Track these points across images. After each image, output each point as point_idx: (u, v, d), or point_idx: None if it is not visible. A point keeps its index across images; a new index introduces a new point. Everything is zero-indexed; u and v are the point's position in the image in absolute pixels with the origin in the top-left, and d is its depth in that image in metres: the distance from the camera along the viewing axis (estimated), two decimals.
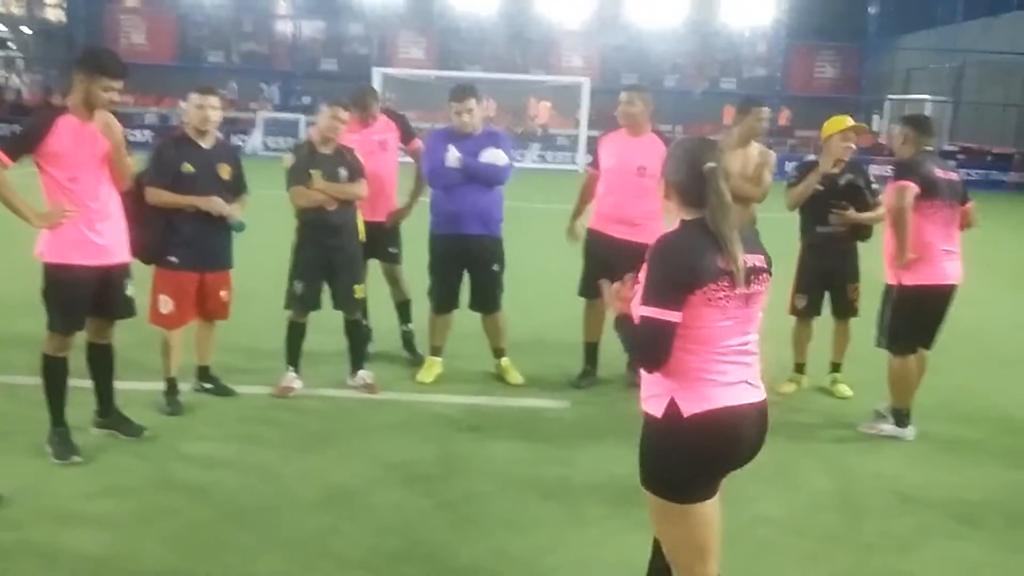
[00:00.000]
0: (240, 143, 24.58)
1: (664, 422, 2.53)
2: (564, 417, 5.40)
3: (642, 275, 2.54)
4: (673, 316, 2.44)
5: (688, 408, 2.50)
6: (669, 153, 2.67)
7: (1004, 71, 27.15)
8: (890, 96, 30.59)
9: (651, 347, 2.49)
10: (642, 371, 2.61)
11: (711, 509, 2.60)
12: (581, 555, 3.76)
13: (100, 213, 4.31)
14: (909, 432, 5.20)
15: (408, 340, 6.34)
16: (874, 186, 5.78)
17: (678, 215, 2.60)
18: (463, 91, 5.63)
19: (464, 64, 29.21)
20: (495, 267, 5.77)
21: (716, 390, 2.51)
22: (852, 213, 5.67)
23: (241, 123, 26.53)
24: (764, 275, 2.57)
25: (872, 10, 30.82)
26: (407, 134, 6.29)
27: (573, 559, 3.73)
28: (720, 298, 2.46)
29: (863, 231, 5.77)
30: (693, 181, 2.54)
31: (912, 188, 4.88)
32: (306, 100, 28.42)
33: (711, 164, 2.52)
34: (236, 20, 31.70)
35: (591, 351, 6.01)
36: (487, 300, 5.82)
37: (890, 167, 5.26)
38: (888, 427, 5.24)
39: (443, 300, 5.81)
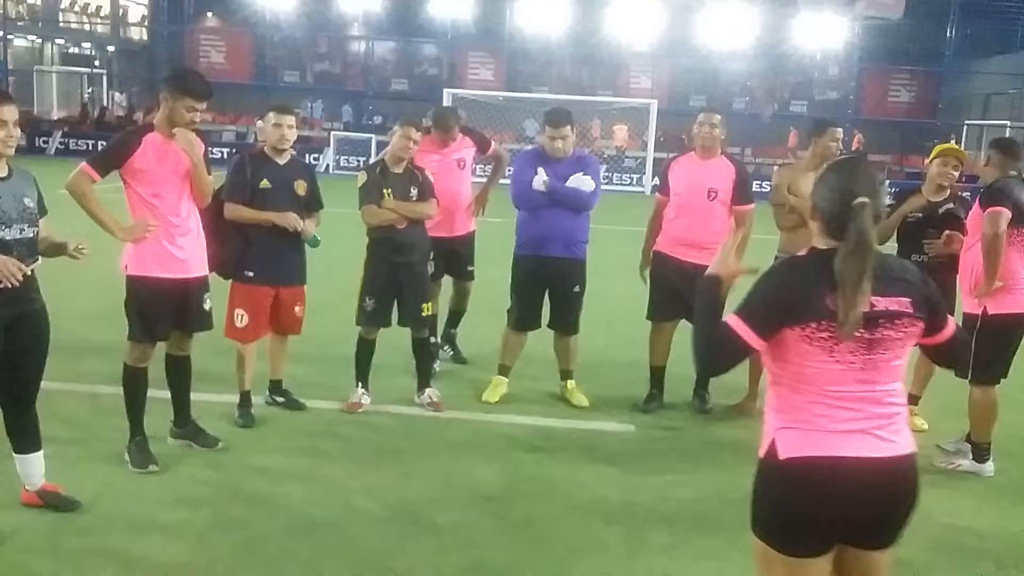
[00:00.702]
0: (313, 161, 25.17)
1: (764, 462, 2.40)
2: (629, 441, 5.37)
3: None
4: (753, 340, 2.31)
5: (785, 450, 2.33)
6: (823, 174, 2.47)
7: None
8: (968, 121, 29.86)
9: (716, 353, 2.41)
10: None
11: (815, 570, 2.37)
12: None
13: (181, 228, 4.45)
14: (989, 467, 5.05)
15: (451, 340, 6.63)
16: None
17: (816, 239, 2.41)
18: (560, 117, 5.63)
19: (532, 86, 29.42)
20: (576, 289, 5.79)
21: (821, 436, 2.31)
22: (945, 243, 5.46)
23: (315, 142, 27.08)
24: (901, 320, 2.32)
25: (949, 33, 30.13)
26: (483, 144, 6.52)
27: None
28: (824, 338, 2.27)
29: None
30: (839, 212, 2.32)
31: (1006, 214, 4.76)
32: (377, 120, 28.94)
33: (862, 200, 2.29)
34: (311, 40, 32.45)
35: (657, 375, 5.97)
36: (567, 321, 5.83)
37: (976, 192, 5.10)
38: (967, 462, 5.09)
39: (524, 319, 5.84)
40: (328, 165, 24.55)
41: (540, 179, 5.54)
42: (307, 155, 25.42)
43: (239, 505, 4.21)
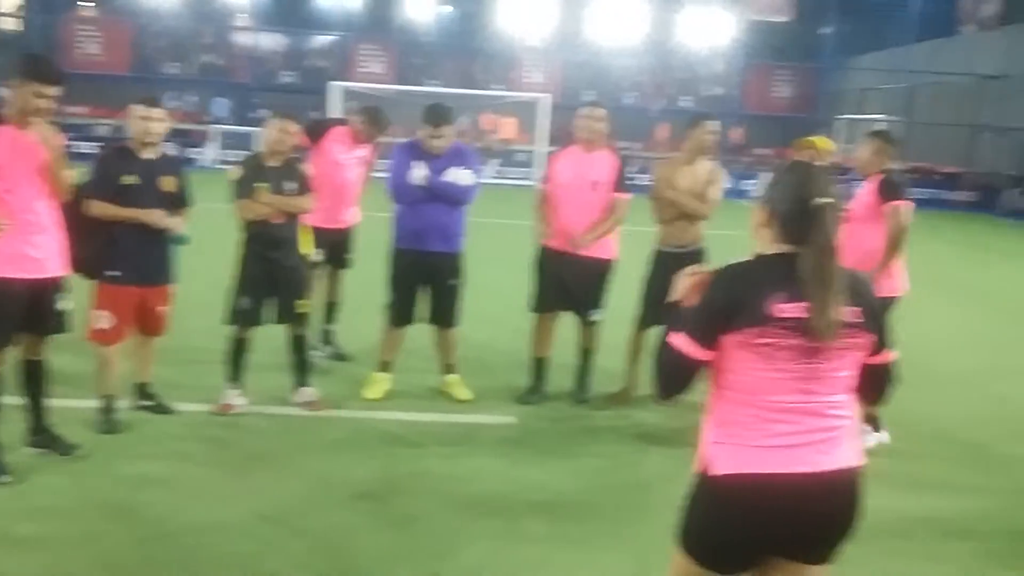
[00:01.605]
0: (196, 155, 24.38)
1: (698, 476, 2.30)
2: (510, 433, 5.36)
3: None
4: (699, 353, 2.22)
5: (719, 467, 2.23)
6: (775, 178, 2.38)
7: (954, 92, 27.79)
8: (845, 115, 31.15)
9: (667, 376, 2.31)
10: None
11: None
12: (518, 572, 3.72)
13: (36, 226, 4.20)
14: (887, 435, 5.36)
15: (329, 337, 6.57)
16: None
17: (768, 245, 2.32)
18: (439, 117, 5.54)
19: (424, 79, 29.18)
20: (454, 282, 5.74)
21: (756, 452, 2.20)
22: None
23: (195, 135, 26.24)
24: (847, 329, 2.21)
25: (827, 31, 31.36)
26: (375, 151, 6.64)
27: None
28: (762, 345, 2.17)
29: None
30: (799, 215, 2.23)
31: (911, 207, 4.99)
32: (264, 113, 28.23)
33: (822, 201, 2.21)
34: (195, 31, 31.39)
35: (540, 367, 5.99)
36: (445, 315, 5.78)
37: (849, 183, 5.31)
38: (872, 437, 5.32)
39: (401, 314, 5.75)
40: (212, 158, 23.81)
41: (419, 173, 5.47)
42: (187, 149, 24.68)
43: (98, 515, 4.01)
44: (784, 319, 2.16)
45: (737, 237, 6.36)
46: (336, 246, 6.37)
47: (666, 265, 5.88)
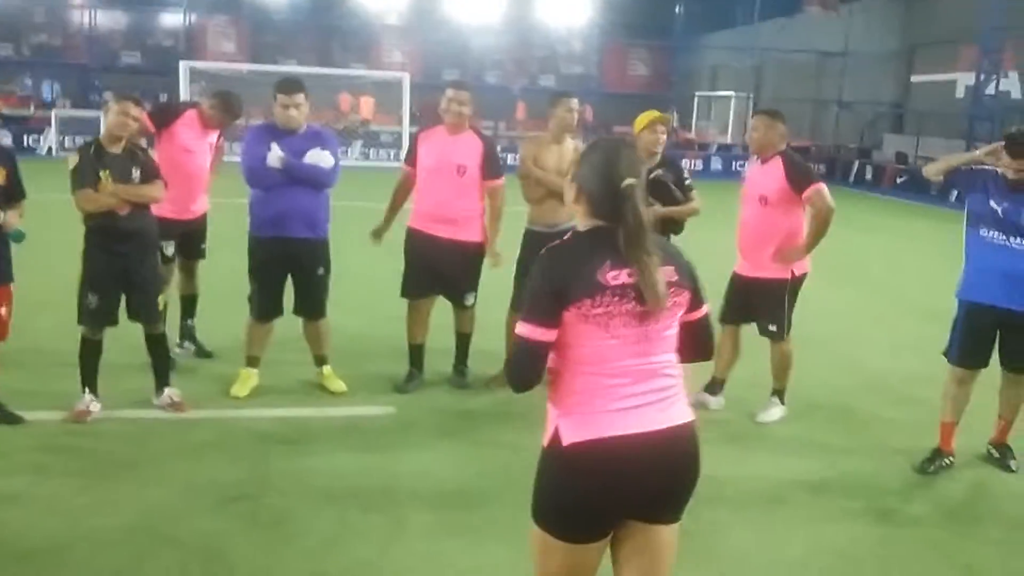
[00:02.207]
0: (34, 144, 22.86)
1: (547, 451, 2.33)
2: (388, 424, 5.24)
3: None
4: (545, 335, 2.24)
5: (568, 436, 2.27)
6: (584, 156, 2.43)
7: (799, 68, 29.13)
8: (698, 93, 32.18)
9: (517, 366, 2.30)
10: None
11: (594, 552, 2.35)
12: (404, 566, 3.63)
13: None
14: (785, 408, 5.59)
15: (190, 333, 6.28)
16: (687, 181, 5.85)
17: (582, 221, 2.39)
18: (291, 84, 5.33)
19: (279, 57, 28.30)
20: (321, 271, 5.52)
21: (603, 417, 2.26)
22: (656, 209, 5.75)
23: (34, 122, 24.60)
24: (674, 289, 2.31)
25: (678, 9, 32.22)
26: (221, 133, 6.30)
27: (399, 572, 3.59)
28: (599, 315, 2.23)
29: (673, 226, 5.85)
30: (608, 195, 2.30)
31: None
32: (107, 96, 26.72)
33: (630, 181, 2.29)
34: (26, 10, 29.33)
35: (416, 353, 5.88)
36: (312, 306, 5.56)
37: (782, 163, 5.32)
38: (778, 410, 5.54)
39: (267, 307, 5.49)
40: (51, 147, 22.35)
41: (275, 155, 5.21)
42: (25, 136, 23.13)
43: None
44: (615, 286, 2.24)
45: None
46: (188, 237, 6.02)
47: (538, 245, 5.82)
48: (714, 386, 5.70)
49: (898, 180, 23.50)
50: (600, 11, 31.50)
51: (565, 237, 2.38)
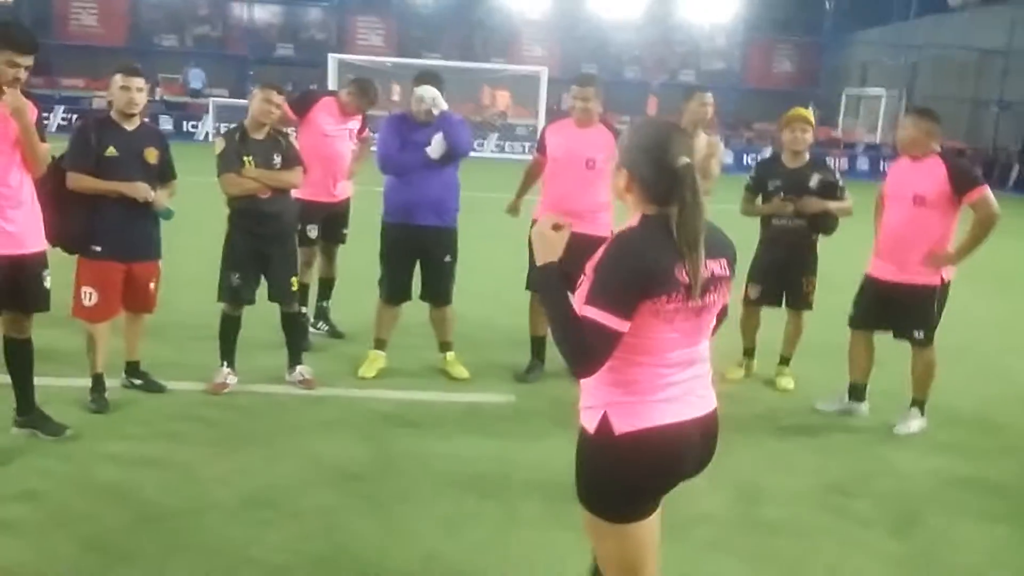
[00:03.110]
0: (192, 129, 24.19)
1: (596, 438, 2.31)
2: (508, 412, 5.27)
3: (590, 267, 2.27)
4: (621, 325, 2.18)
5: (621, 425, 2.27)
6: (631, 140, 2.33)
7: (956, 67, 27.53)
8: (847, 90, 30.90)
9: (588, 353, 2.20)
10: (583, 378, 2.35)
11: (648, 529, 2.39)
12: (514, 555, 3.63)
13: (13, 199, 4.07)
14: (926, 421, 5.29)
15: (324, 314, 6.48)
16: (840, 182, 5.67)
17: (636, 209, 2.32)
18: (425, 76, 5.47)
19: (423, 52, 28.91)
20: (448, 259, 5.62)
21: (655, 407, 2.28)
22: (818, 201, 5.56)
23: (193, 108, 26.01)
24: (723, 283, 2.33)
25: (828, 5, 31.03)
26: (364, 124, 6.47)
27: (505, 560, 3.60)
28: (670, 310, 2.22)
29: (827, 224, 5.63)
30: (662, 177, 2.23)
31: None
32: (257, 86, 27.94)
33: (685, 160, 2.22)
34: (191, 3, 31.06)
35: (538, 344, 5.89)
36: (439, 292, 5.66)
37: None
38: (916, 423, 5.25)
39: (395, 291, 5.63)
40: (208, 132, 23.59)
41: (438, 145, 5.33)
42: (184, 122, 24.45)
43: (86, 497, 3.91)
44: (685, 283, 2.21)
45: (738, 211, 6.27)
46: (330, 220, 6.24)
47: None
48: (858, 391, 5.45)
49: None
50: (746, 6, 30.70)
51: (633, 225, 2.29)
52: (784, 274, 5.81)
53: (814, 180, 5.63)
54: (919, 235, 5.01)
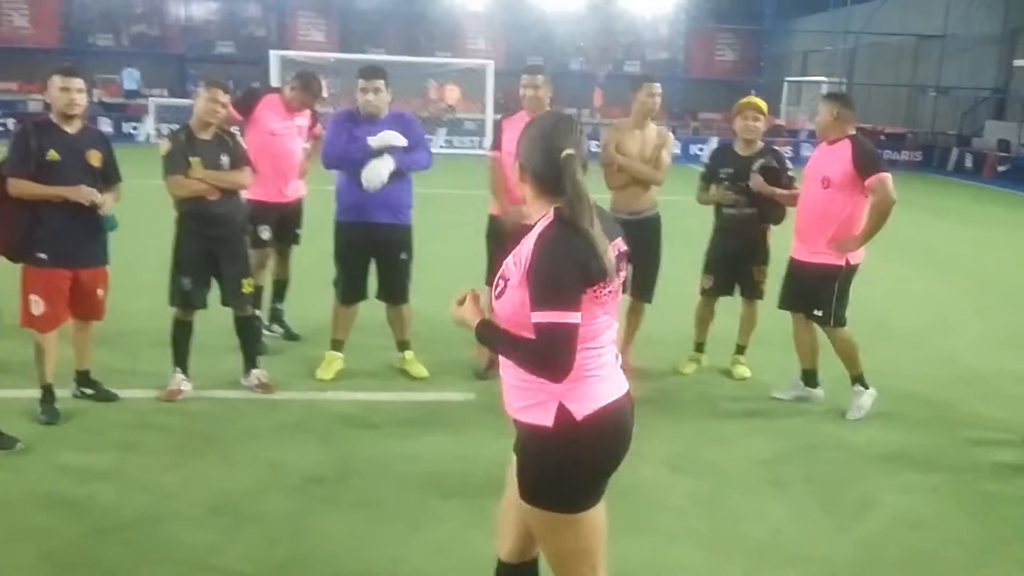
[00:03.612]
0: (132, 131, 23.66)
1: (557, 430, 2.31)
2: (468, 410, 5.25)
3: (517, 275, 2.28)
4: (576, 318, 2.22)
5: (581, 410, 2.31)
6: (524, 133, 2.41)
7: (893, 53, 28.12)
8: (788, 78, 31.36)
9: (556, 354, 2.22)
10: (509, 380, 2.39)
11: (601, 513, 2.47)
12: (479, 554, 3.62)
13: None
14: (873, 391, 5.37)
15: (279, 316, 6.44)
16: (789, 171, 5.72)
17: (532, 200, 2.38)
18: (372, 69, 5.42)
19: (367, 47, 28.65)
20: (404, 256, 5.57)
21: (600, 386, 2.35)
22: (764, 186, 5.62)
23: (132, 109, 25.46)
24: (624, 260, 2.42)
25: None
26: (314, 119, 6.39)
27: (471, 559, 3.59)
28: (605, 294, 2.30)
29: (775, 213, 5.69)
30: (549, 168, 2.30)
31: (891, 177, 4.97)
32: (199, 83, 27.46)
33: (569, 151, 2.28)
34: (126, 2, 30.36)
35: None
36: (395, 291, 5.62)
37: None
38: (866, 398, 5.33)
39: (351, 291, 5.57)
40: (148, 134, 23.11)
41: (383, 139, 5.25)
42: (124, 123, 23.91)
43: (41, 510, 3.83)
44: (607, 266, 2.27)
45: (688, 203, 6.33)
46: (283, 221, 6.16)
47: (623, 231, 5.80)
48: (810, 376, 5.53)
49: (999, 168, 22.51)
50: None
51: (550, 222, 2.29)
52: (736, 264, 5.86)
53: (756, 164, 5.67)
54: (825, 216, 5.12)
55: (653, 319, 6.15)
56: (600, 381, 2.36)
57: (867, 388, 5.35)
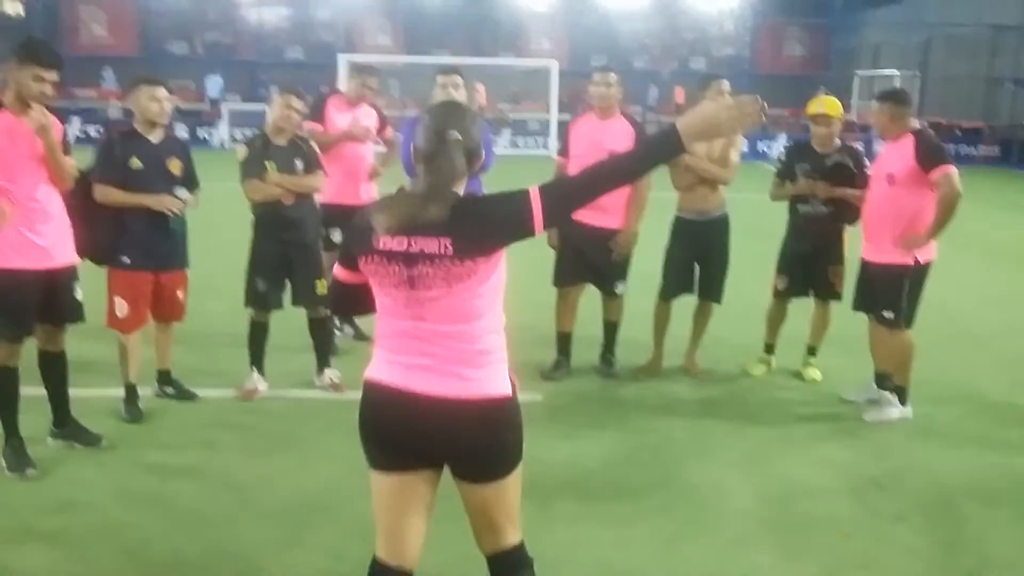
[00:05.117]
0: (207, 136, 24.28)
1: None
2: (536, 411, 5.26)
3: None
4: (342, 274, 2.49)
5: (368, 371, 2.47)
6: (420, 117, 2.48)
7: (969, 44, 27.28)
8: (859, 72, 30.68)
9: (330, 299, 2.77)
10: None
11: (382, 484, 2.53)
12: (552, 556, 3.63)
13: (41, 214, 4.12)
14: (910, 410, 5.21)
15: (350, 318, 6.45)
16: (867, 169, 5.55)
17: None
18: (450, 67, 5.54)
19: (432, 49, 28.92)
20: None
21: (383, 364, 2.43)
22: (831, 189, 5.52)
23: (207, 115, 26.11)
24: (439, 261, 2.29)
25: None
26: (383, 123, 6.42)
27: (542, 559, 3.60)
28: (371, 271, 2.38)
29: (849, 213, 5.56)
30: (434, 148, 2.34)
31: (957, 171, 4.84)
32: (274, 90, 28.02)
33: (454, 134, 2.33)
34: (199, 10, 31.19)
35: (564, 341, 5.90)
36: None
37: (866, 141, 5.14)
38: (895, 410, 5.19)
39: None
40: (222, 139, 23.70)
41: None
42: (199, 129, 24.53)
43: (124, 507, 3.97)
44: (385, 251, 2.31)
45: (757, 200, 6.27)
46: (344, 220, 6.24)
47: (687, 233, 5.78)
48: (884, 380, 5.32)
49: None
50: None
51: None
52: (811, 264, 5.74)
53: (830, 160, 5.58)
54: (892, 214, 5.00)
55: (721, 320, 6.11)
56: (385, 360, 2.42)
57: (904, 405, 5.20)
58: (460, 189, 2.37)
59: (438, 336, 2.37)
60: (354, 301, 2.56)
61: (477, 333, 2.42)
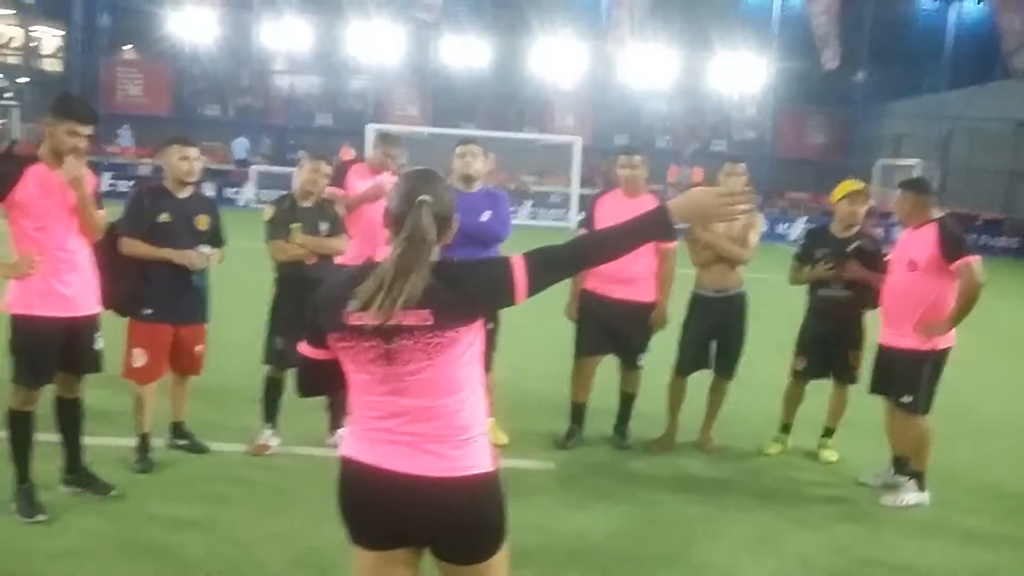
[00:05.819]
0: (233, 195, 24.68)
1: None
2: (547, 480, 5.25)
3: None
4: (310, 352, 2.42)
5: (343, 448, 2.42)
6: (395, 183, 2.47)
7: (991, 137, 27.52)
8: (881, 161, 30.95)
9: (298, 377, 2.57)
10: None
11: (362, 561, 2.43)
12: None
13: (68, 263, 4.21)
14: (927, 496, 5.15)
15: None
16: (886, 257, 5.57)
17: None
18: (469, 138, 5.69)
19: (458, 122, 29.44)
20: (490, 325, 5.64)
21: (360, 441, 2.36)
22: (855, 268, 5.53)
23: (234, 175, 26.58)
24: (420, 333, 2.24)
25: (859, 77, 31.28)
26: None
27: None
28: (344, 348, 2.31)
29: (870, 298, 5.53)
30: (404, 211, 2.30)
31: (979, 261, 4.88)
32: (301, 154, 28.50)
33: (424, 197, 2.28)
34: (234, 74, 31.98)
35: (578, 411, 5.88)
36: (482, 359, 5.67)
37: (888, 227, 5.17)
38: (912, 496, 5.13)
39: None
40: (248, 199, 24.08)
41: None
42: (226, 189, 24.95)
43: (131, 557, 3.95)
44: (356, 326, 2.25)
45: (776, 281, 6.30)
46: None
47: (705, 309, 5.80)
48: (901, 464, 5.30)
49: None
50: (776, 77, 31.04)
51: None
52: (831, 347, 5.72)
53: (852, 246, 5.62)
54: (912, 300, 5.01)
55: (737, 398, 6.08)
56: (362, 436, 2.36)
57: (922, 490, 5.15)
58: (434, 256, 2.31)
59: (417, 411, 2.30)
60: (324, 379, 2.48)
61: (457, 408, 2.34)
